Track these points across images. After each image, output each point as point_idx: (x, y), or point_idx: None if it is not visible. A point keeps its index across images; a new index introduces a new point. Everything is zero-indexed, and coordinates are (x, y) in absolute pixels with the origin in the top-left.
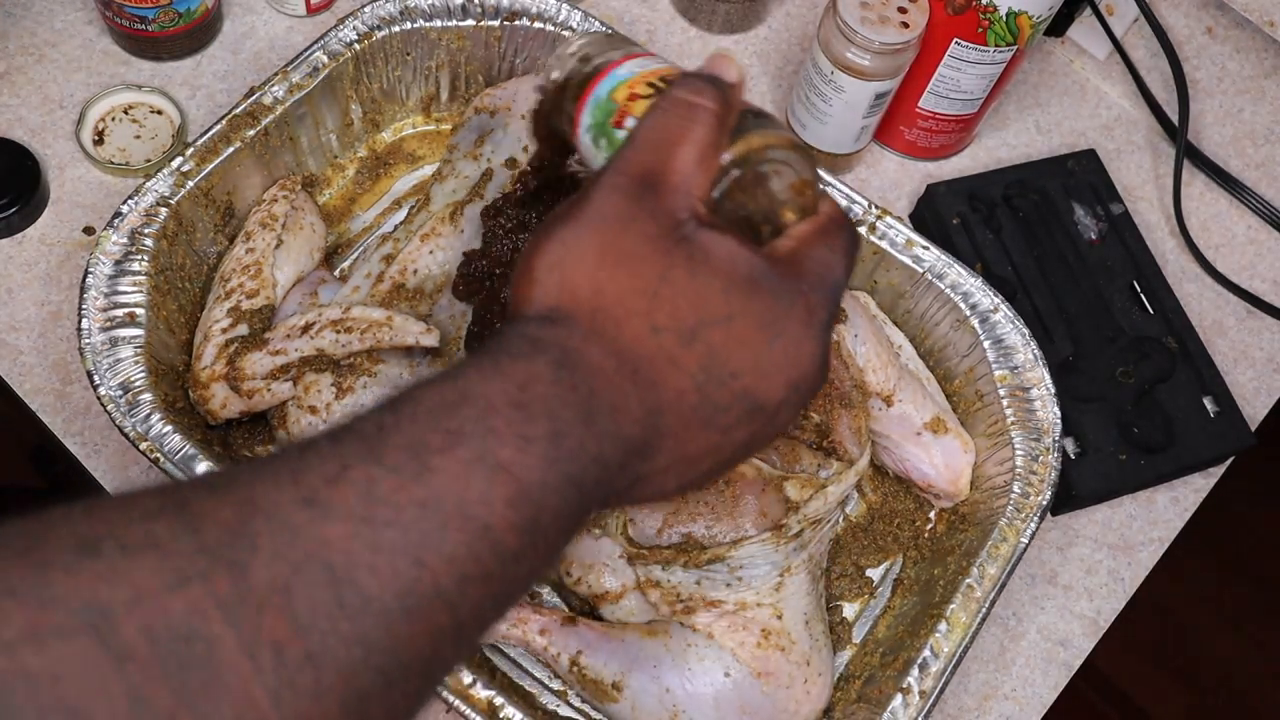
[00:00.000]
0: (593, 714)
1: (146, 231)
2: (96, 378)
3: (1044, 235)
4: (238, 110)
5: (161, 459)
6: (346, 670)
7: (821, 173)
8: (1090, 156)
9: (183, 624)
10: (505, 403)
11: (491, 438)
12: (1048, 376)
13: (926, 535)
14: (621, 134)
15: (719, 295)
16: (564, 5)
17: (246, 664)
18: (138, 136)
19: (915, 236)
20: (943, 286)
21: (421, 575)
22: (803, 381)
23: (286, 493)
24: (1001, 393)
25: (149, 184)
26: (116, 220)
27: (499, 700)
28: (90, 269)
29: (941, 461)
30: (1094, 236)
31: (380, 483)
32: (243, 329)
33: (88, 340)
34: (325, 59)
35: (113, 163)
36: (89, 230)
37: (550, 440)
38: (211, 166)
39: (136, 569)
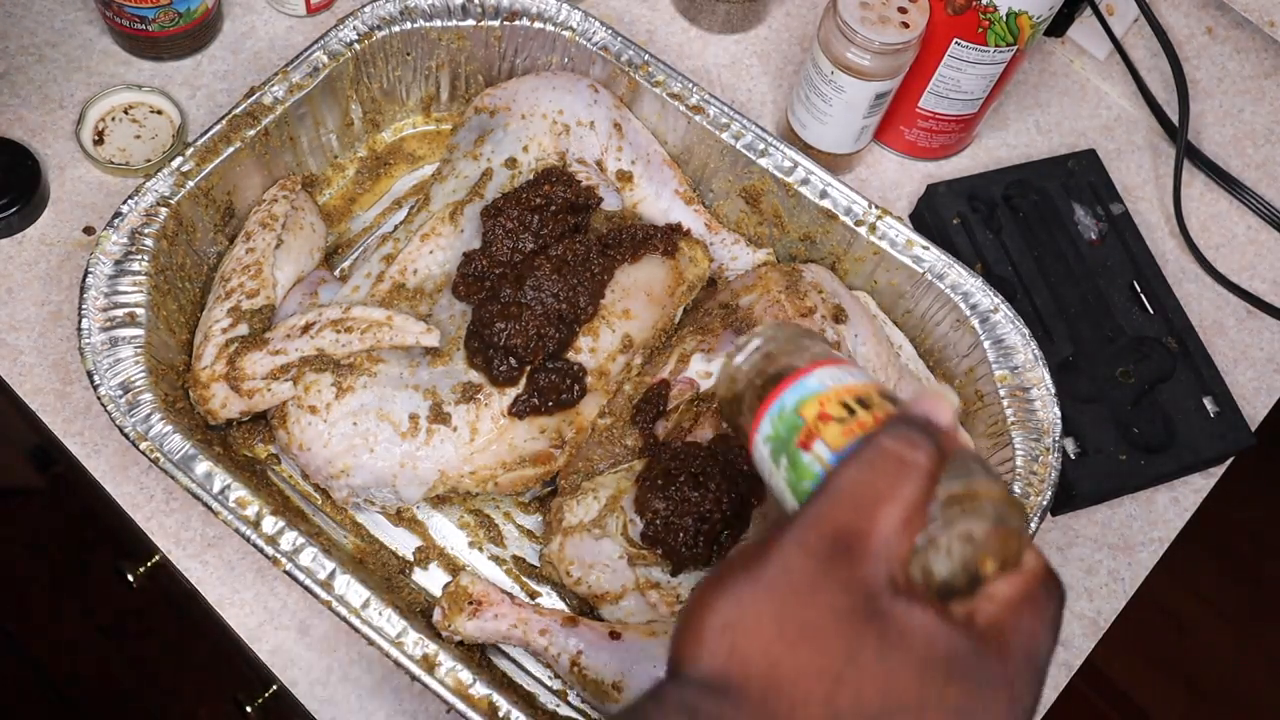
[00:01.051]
0: (593, 714)
1: (146, 231)
2: (96, 378)
3: (1044, 235)
4: (238, 110)
5: (161, 459)
6: None
7: (820, 172)
8: (1090, 156)
9: None
10: None
11: None
12: (1048, 376)
13: None
14: (807, 458)
15: (911, 679)
16: (564, 5)
17: None
18: (138, 136)
19: (915, 236)
20: (943, 286)
21: None
22: None
23: None
24: (1001, 393)
25: (149, 184)
26: (116, 220)
27: (499, 700)
28: (90, 269)
29: None
30: (1094, 236)
31: None
32: (243, 329)
33: (88, 340)
34: (325, 59)
35: (113, 163)
36: (89, 230)
37: None
38: (211, 166)
39: None
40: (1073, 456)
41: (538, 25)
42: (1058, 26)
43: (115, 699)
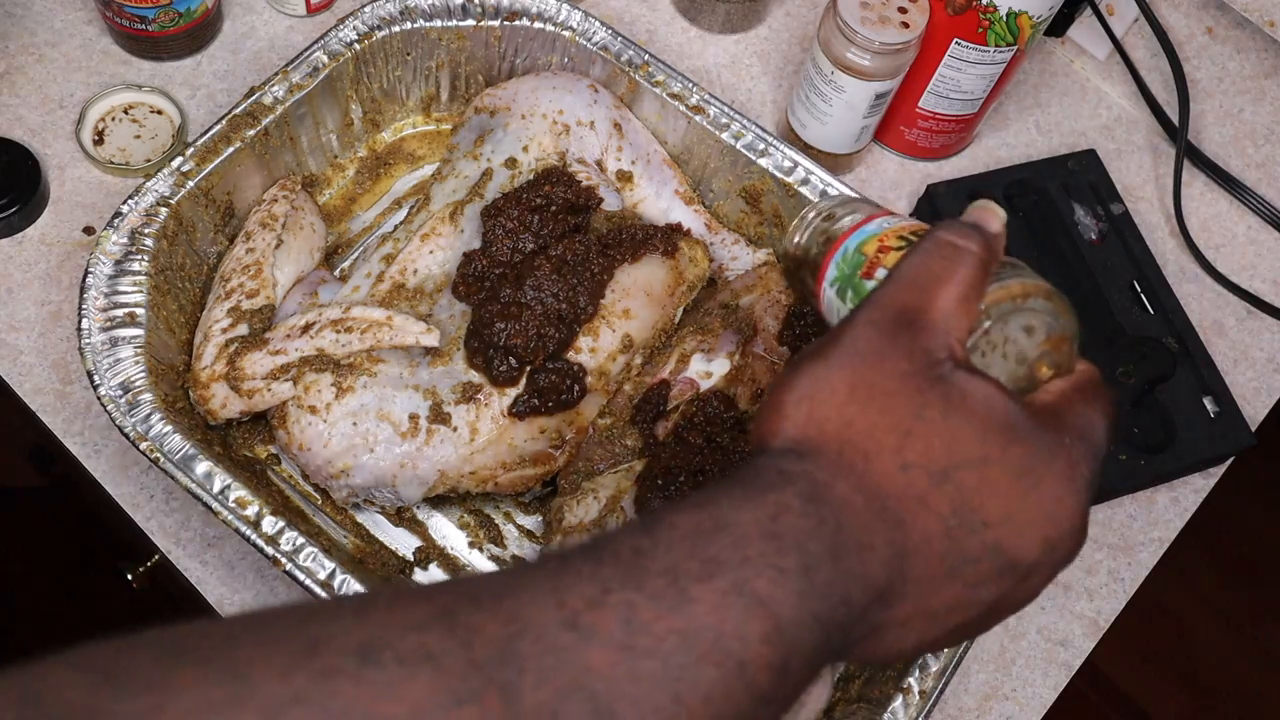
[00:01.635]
0: None
1: (146, 231)
2: (96, 378)
3: (1044, 235)
4: (238, 110)
5: (161, 459)
6: None
7: (820, 173)
8: (1090, 156)
9: None
10: (758, 532)
11: (747, 567)
12: None
13: None
14: (871, 284)
15: (974, 437)
16: (564, 5)
17: None
18: (138, 136)
19: None
20: None
21: (678, 713)
22: (1060, 542)
23: (550, 612)
24: None
25: (149, 184)
26: (116, 220)
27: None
28: (90, 269)
29: None
30: (1094, 236)
31: (641, 610)
32: (243, 329)
33: (88, 340)
34: (325, 59)
35: (113, 163)
36: (89, 230)
37: (802, 574)
38: (211, 166)
39: (414, 684)
40: None
41: (538, 25)
42: (1058, 26)
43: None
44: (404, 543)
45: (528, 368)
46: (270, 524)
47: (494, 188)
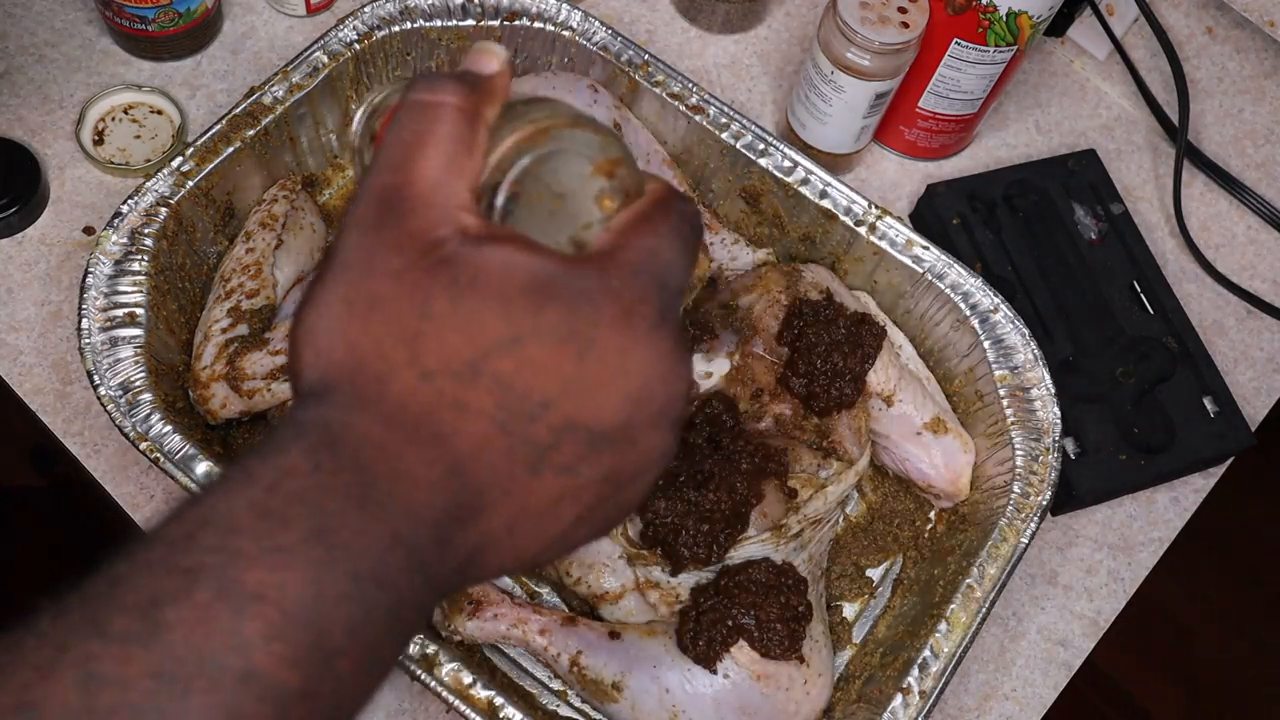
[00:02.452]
0: (593, 714)
1: (146, 231)
2: (96, 378)
3: (1044, 235)
4: (238, 110)
5: (161, 459)
6: None
7: (820, 172)
8: (1090, 156)
9: None
10: (250, 514)
11: (236, 563)
12: (1048, 376)
13: (926, 535)
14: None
15: (497, 317)
16: (564, 5)
17: None
18: (138, 136)
19: (915, 236)
20: (943, 286)
21: None
22: (647, 393)
23: None
24: (1001, 393)
25: (149, 184)
26: (116, 220)
27: (499, 700)
28: (90, 269)
29: (941, 461)
30: (1094, 236)
31: (102, 660)
32: (243, 329)
33: (88, 340)
34: (325, 59)
35: (113, 163)
36: (89, 230)
37: (313, 541)
38: (211, 166)
39: None
40: (1073, 456)
41: (538, 25)
42: (1058, 26)
43: None
44: None
45: None
46: None
47: None
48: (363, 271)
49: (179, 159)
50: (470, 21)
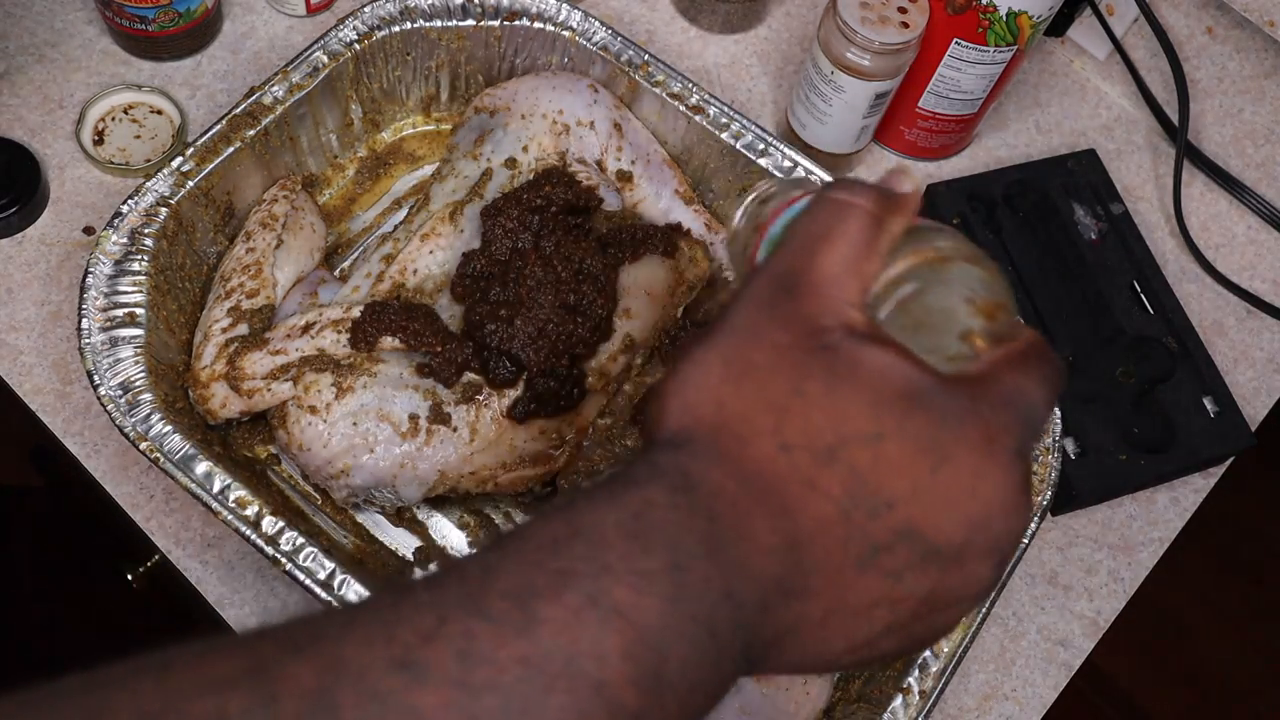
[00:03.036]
0: None
1: (146, 231)
2: (96, 378)
3: (1044, 235)
4: (238, 110)
5: (161, 459)
6: None
7: (820, 173)
8: (1090, 156)
9: None
10: (619, 534)
11: (605, 576)
12: None
13: None
14: None
15: (865, 410)
16: (564, 5)
17: None
18: (138, 136)
19: None
20: None
21: None
22: (988, 519)
23: (378, 651)
24: None
25: (149, 184)
26: (116, 220)
27: None
28: (90, 269)
29: None
30: (1094, 236)
31: (480, 638)
32: (243, 329)
33: (88, 340)
34: (325, 59)
35: (113, 163)
36: (89, 230)
37: (670, 574)
38: (211, 166)
39: None
40: (1073, 456)
41: (538, 25)
42: (1058, 26)
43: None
44: (404, 543)
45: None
46: (270, 524)
47: (494, 188)
48: (747, 339)
49: (179, 159)
50: (470, 21)
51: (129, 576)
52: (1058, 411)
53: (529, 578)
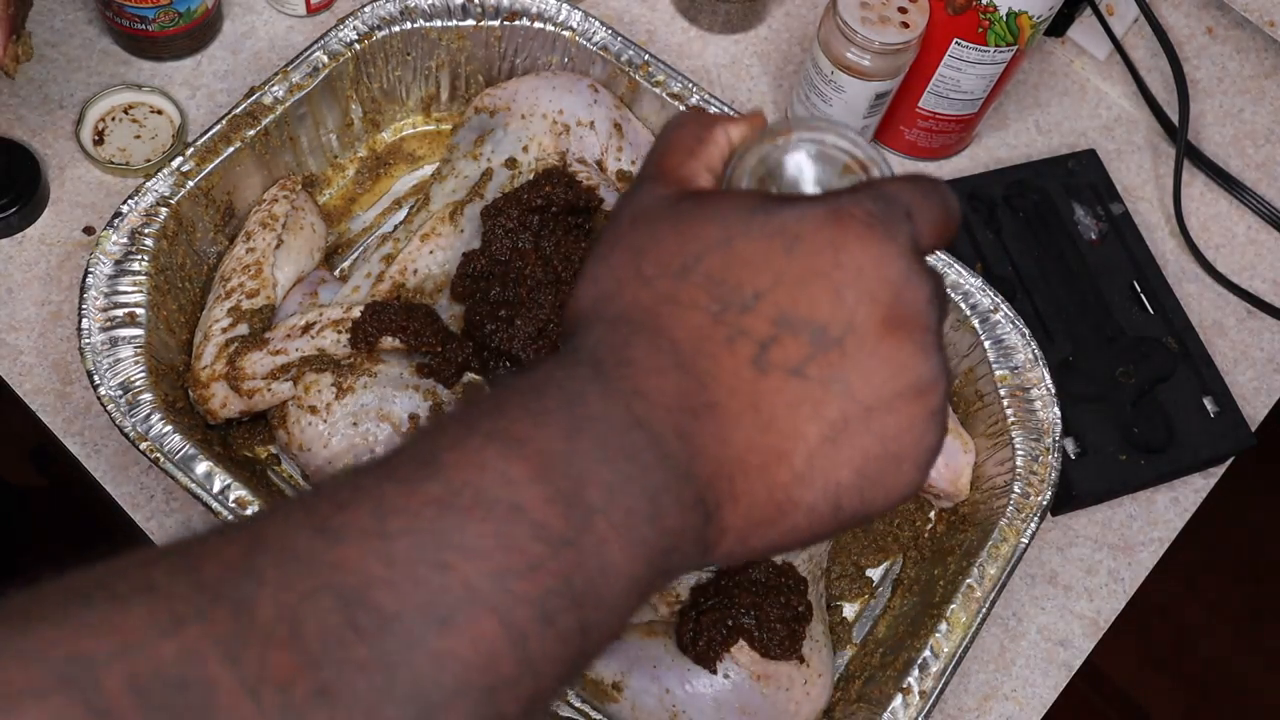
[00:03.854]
0: (593, 714)
1: (146, 231)
2: (96, 378)
3: (1044, 235)
4: (238, 110)
5: (161, 459)
6: (367, 701)
7: None
8: (1090, 156)
9: (174, 670)
10: (515, 391)
11: (503, 417)
12: (1048, 376)
13: (926, 535)
14: None
15: (712, 225)
16: (564, 5)
17: (248, 707)
18: (138, 136)
19: None
20: None
21: (447, 579)
22: (867, 289)
23: (297, 524)
24: (1001, 393)
25: (149, 184)
26: (116, 220)
27: None
28: (90, 269)
29: (941, 461)
30: (1094, 236)
31: (391, 494)
32: (243, 329)
33: (88, 340)
34: (325, 59)
35: (113, 163)
36: (89, 230)
37: (565, 409)
38: (211, 166)
39: (126, 616)
40: (1073, 456)
41: (538, 25)
42: (1058, 26)
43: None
44: None
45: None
46: None
47: (494, 188)
48: (611, 228)
49: (179, 159)
50: (470, 21)
51: None
52: (1057, 411)
53: (438, 438)
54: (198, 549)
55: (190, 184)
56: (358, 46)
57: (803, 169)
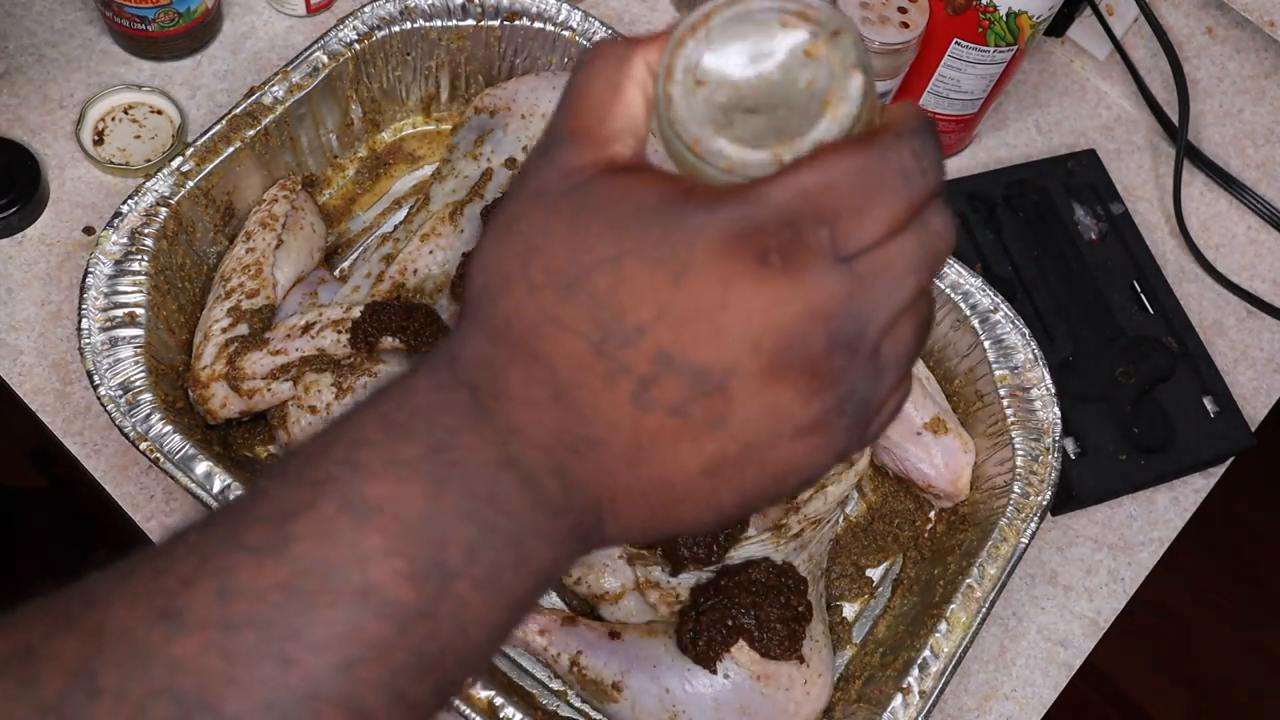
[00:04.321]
0: (593, 714)
1: (146, 231)
2: (96, 378)
3: (1044, 235)
4: (238, 110)
5: (161, 459)
6: None
7: None
8: (1090, 156)
9: None
10: (377, 427)
11: (358, 476)
12: (1048, 376)
13: (926, 535)
14: None
15: (606, 234)
16: (564, 5)
17: None
18: (138, 136)
19: None
20: (943, 286)
21: (289, 675)
22: (752, 333)
23: (141, 607)
24: (1001, 393)
25: (149, 184)
26: (116, 220)
27: (499, 700)
28: (90, 269)
29: (941, 461)
30: (1094, 236)
31: (239, 571)
32: (243, 329)
33: (88, 340)
34: (325, 59)
35: (113, 163)
36: (89, 230)
37: (431, 457)
38: (211, 166)
39: None
40: (1073, 456)
41: (538, 25)
42: (1058, 26)
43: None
44: None
45: None
46: None
47: (494, 188)
48: (511, 199)
49: (179, 159)
50: (470, 21)
51: None
52: (1058, 411)
53: (287, 496)
54: (41, 649)
55: (190, 184)
56: (358, 46)
57: (731, 59)
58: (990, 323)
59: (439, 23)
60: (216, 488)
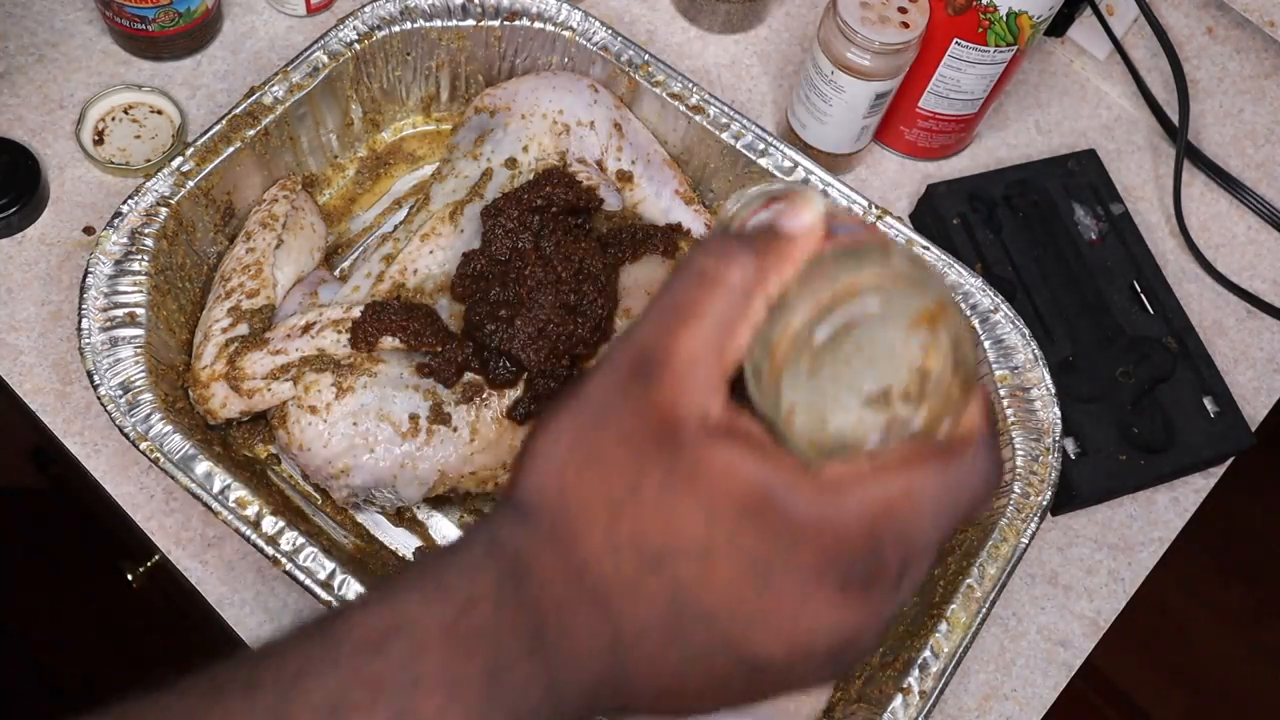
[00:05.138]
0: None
1: (146, 231)
2: (96, 378)
3: (1044, 235)
4: (238, 110)
5: (161, 459)
6: None
7: (820, 172)
8: (1090, 156)
9: None
10: (439, 636)
11: (417, 690)
12: (1048, 376)
13: None
14: None
15: (698, 521)
16: (564, 5)
17: None
18: (138, 136)
19: (915, 236)
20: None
21: None
22: (813, 645)
23: None
24: (1001, 393)
25: (149, 184)
26: (116, 220)
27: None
28: (90, 269)
29: None
30: (1094, 236)
31: None
32: (243, 328)
33: (88, 340)
34: (325, 59)
35: (113, 163)
36: (89, 230)
37: (488, 679)
38: (211, 166)
39: None
40: (1073, 456)
41: (538, 25)
42: (1058, 26)
43: (115, 699)
44: (404, 543)
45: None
46: (270, 524)
47: (494, 188)
48: (597, 420)
49: (179, 159)
50: (470, 21)
51: (129, 576)
52: (1057, 411)
53: (343, 685)
54: None
55: (190, 184)
56: (358, 46)
57: (868, 356)
58: (990, 323)
59: (439, 23)
60: (216, 488)
